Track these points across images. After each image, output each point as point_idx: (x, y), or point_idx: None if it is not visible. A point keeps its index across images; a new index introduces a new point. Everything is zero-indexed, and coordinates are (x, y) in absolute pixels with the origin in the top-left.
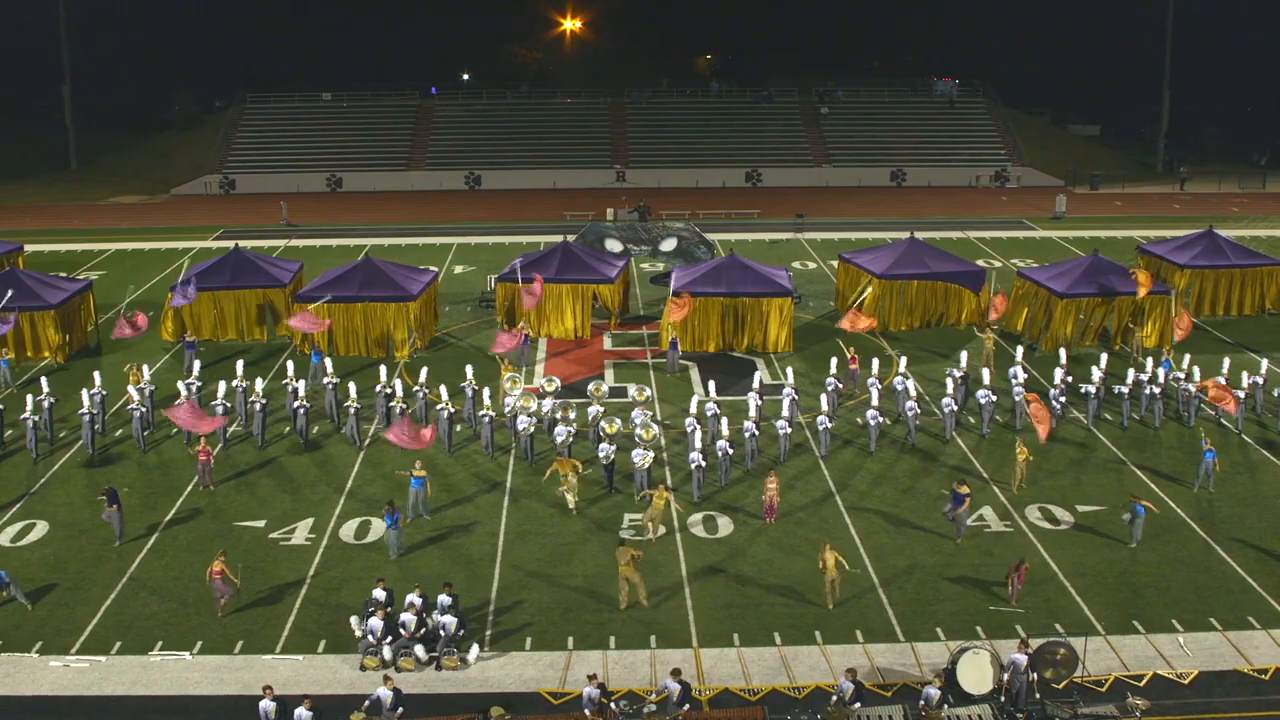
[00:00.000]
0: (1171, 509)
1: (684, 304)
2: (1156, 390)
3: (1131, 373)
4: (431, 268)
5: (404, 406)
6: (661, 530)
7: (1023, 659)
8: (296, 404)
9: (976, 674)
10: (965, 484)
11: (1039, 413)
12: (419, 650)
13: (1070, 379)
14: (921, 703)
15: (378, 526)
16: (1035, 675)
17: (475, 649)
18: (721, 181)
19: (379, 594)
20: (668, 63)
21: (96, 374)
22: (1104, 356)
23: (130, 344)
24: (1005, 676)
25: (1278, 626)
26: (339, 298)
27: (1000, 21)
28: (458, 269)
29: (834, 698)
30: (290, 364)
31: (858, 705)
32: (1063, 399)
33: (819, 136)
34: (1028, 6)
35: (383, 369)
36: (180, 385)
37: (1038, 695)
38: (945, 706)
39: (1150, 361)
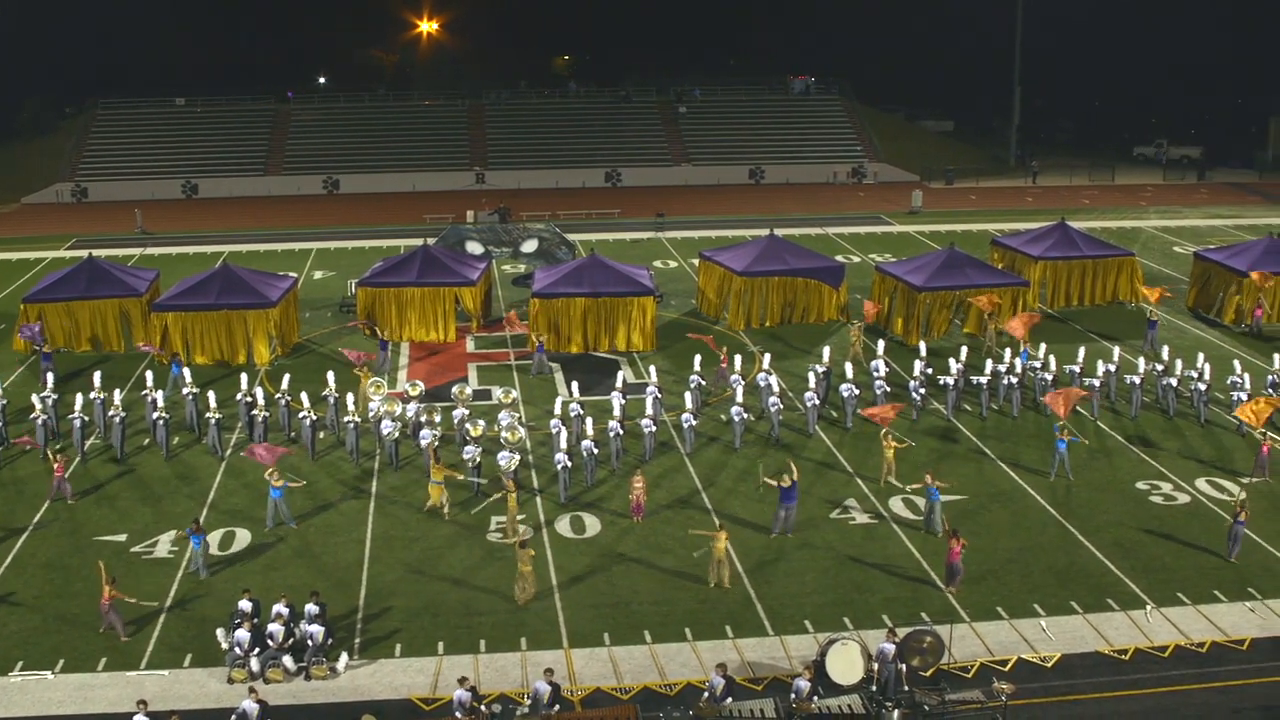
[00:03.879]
0: (1031, 496)
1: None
2: (1014, 380)
3: (989, 363)
4: (291, 274)
5: (266, 415)
6: (526, 531)
7: (890, 648)
8: (156, 415)
9: (845, 665)
10: (786, 476)
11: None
12: (287, 661)
13: (930, 371)
14: (792, 695)
15: (242, 536)
16: (903, 664)
17: (344, 657)
18: (581, 182)
19: (245, 605)
20: (525, 64)
21: None
22: (963, 349)
23: None
24: (874, 666)
25: (1136, 608)
26: (196, 305)
27: (854, 20)
28: (317, 274)
29: (705, 694)
30: (149, 374)
31: (729, 700)
32: (922, 390)
33: (677, 136)
34: (881, 5)
35: (243, 377)
36: (34, 399)
37: (905, 684)
38: (816, 698)
39: (1008, 352)
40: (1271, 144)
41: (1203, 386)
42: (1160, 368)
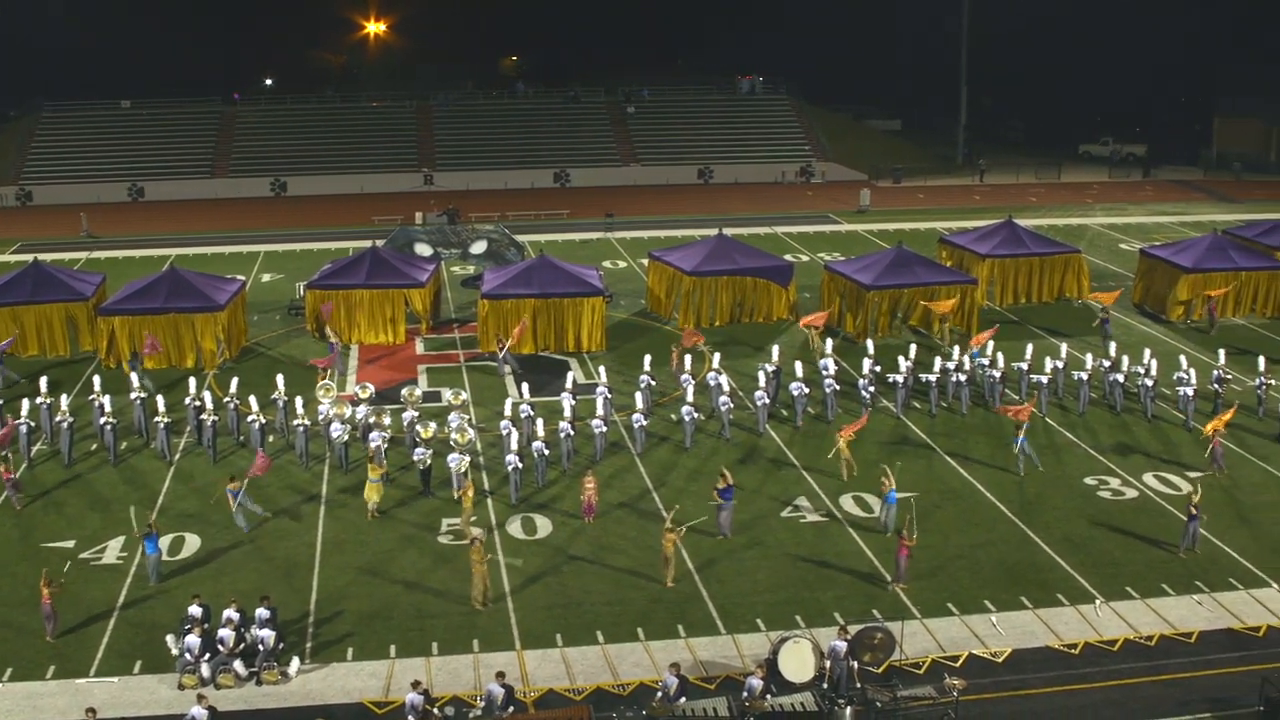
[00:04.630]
0: (981, 493)
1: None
2: (963, 378)
3: (938, 361)
4: (238, 276)
5: (214, 419)
6: (479, 532)
7: (842, 645)
8: (103, 420)
9: (797, 663)
10: (725, 477)
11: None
12: (238, 666)
13: (879, 369)
14: (745, 694)
15: (192, 541)
16: (855, 661)
17: (296, 662)
18: (530, 183)
19: (195, 610)
20: (473, 65)
21: None
22: (912, 346)
23: None
24: (826, 664)
25: (1086, 602)
26: (143, 309)
27: (801, 19)
28: (265, 277)
29: (659, 693)
30: (96, 379)
31: (682, 700)
32: (871, 389)
33: (626, 136)
34: (828, 5)
35: (192, 381)
36: None
37: (857, 681)
38: (768, 696)
39: (957, 350)
40: (1216, 141)
41: (1149, 382)
42: (1107, 364)
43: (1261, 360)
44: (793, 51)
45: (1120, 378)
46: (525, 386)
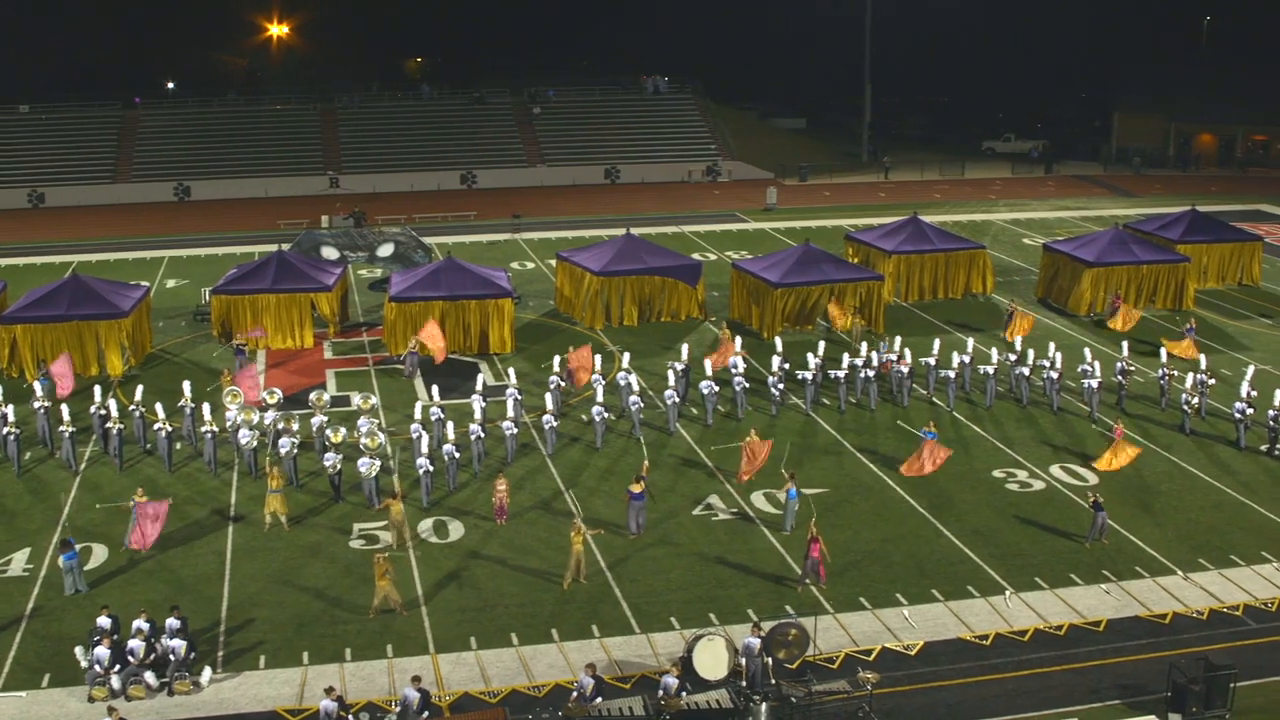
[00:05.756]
0: (891, 488)
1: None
2: (871, 374)
3: (846, 357)
4: (143, 282)
5: (120, 427)
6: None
7: (756, 642)
8: (6, 430)
9: (712, 660)
10: (641, 481)
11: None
12: (149, 677)
13: (787, 366)
14: (660, 692)
15: (99, 552)
16: (769, 657)
17: (208, 671)
18: (436, 184)
19: (104, 621)
20: (378, 66)
21: None
22: (820, 343)
23: None
24: (740, 660)
25: (996, 594)
26: (46, 317)
27: (705, 20)
28: (170, 283)
29: (574, 693)
30: None
31: (599, 699)
32: (781, 386)
33: (532, 137)
34: (732, 5)
35: (97, 389)
36: None
37: (772, 677)
38: (684, 694)
39: (864, 345)
40: (1115, 137)
41: (1055, 375)
42: (1013, 357)
43: (1164, 352)
44: (696, 51)
45: (1026, 371)
46: (435, 389)
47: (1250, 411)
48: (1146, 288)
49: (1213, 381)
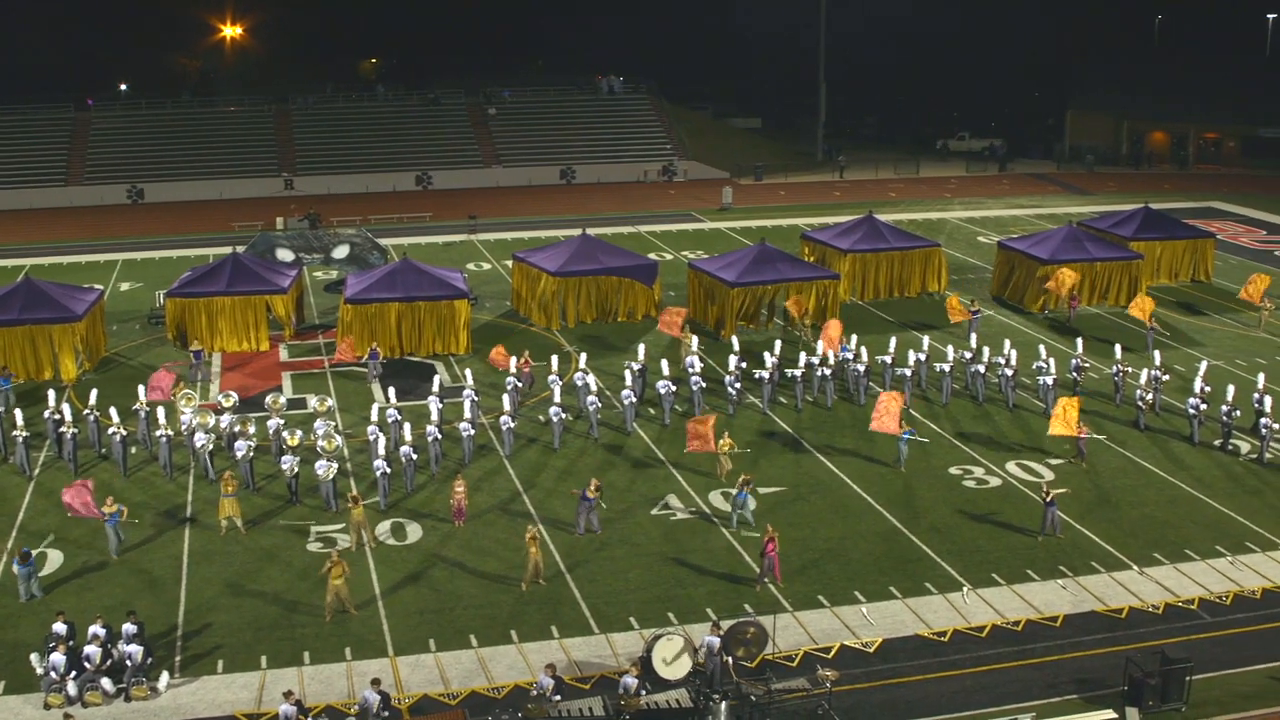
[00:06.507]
0: (848, 486)
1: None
2: (827, 372)
3: (803, 356)
4: (96, 286)
5: (75, 432)
6: (343, 545)
7: (715, 641)
8: None
9: (671, 659)
10: (596, 487)
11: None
12: (106, 683)
13: (744, 365)
14: (620, 692)
15: (54, 558)
16: (728, 656)
17: (165, 676)
18: (392, 186)
19: (59, 628)
20: (332, 67)
21: None
22: (777, 342)
23: None
24: (700, 659)
25: (954, 590)
26: None
27: (660, 20)
28: (124, 286)
29: (534, 694)
30: None
31: (558, 699)
32: (738, 385)
33: (488, 137)
34: (686, 6)
35: (51, 393)
36: None
37: (732, 676)
38: (644, 694)
39: (821, 344)
40: (1068, 135)
41: (1010, 372)
42: (969, 355)
43: (1118, 348)
44: (651, 51)
45: (982, 368)
46: (392, 391)
47: (1204, 407)
48: (1100, 285)
49: (1166, 378)
